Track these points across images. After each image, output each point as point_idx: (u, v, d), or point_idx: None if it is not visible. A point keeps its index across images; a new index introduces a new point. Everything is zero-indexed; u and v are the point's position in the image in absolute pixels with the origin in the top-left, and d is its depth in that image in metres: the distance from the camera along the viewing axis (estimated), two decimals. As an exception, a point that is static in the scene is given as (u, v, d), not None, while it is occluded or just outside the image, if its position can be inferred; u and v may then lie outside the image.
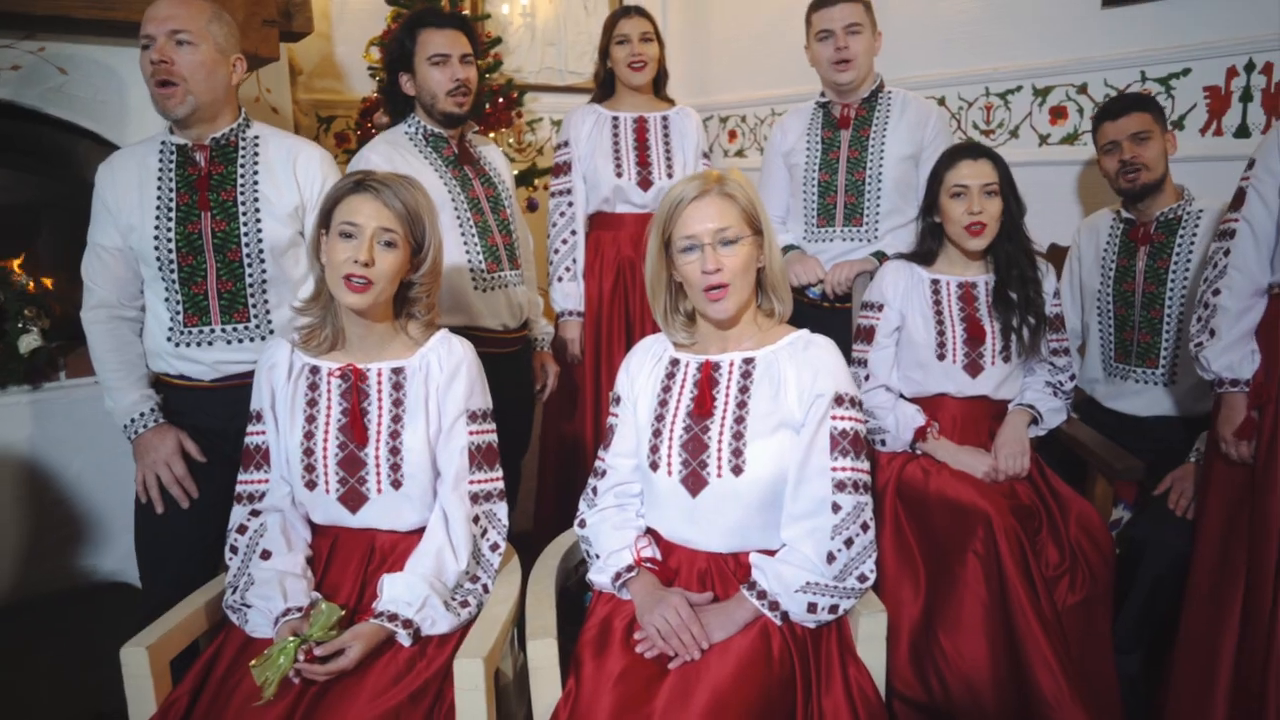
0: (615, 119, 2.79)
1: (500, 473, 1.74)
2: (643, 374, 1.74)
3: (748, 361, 1.65)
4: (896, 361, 2.26)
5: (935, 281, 2.24)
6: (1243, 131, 2.54)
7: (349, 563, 1.68)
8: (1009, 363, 2.18)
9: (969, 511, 1.93)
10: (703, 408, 1.63)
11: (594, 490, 1.78)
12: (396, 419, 1.67)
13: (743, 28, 3.93)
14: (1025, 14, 2.97)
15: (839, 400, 1.58)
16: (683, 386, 1.68)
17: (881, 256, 2.50)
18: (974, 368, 2.18)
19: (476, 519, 1.69)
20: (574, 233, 2.81)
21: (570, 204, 2.81)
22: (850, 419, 1.59)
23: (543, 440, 2.97)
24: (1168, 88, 2.66)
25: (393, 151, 2.26)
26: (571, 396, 2.85)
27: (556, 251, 2.81)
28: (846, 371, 1.62)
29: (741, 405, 1.61)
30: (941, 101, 3.17)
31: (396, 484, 1.66)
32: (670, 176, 2.77)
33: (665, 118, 2.81)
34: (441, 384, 1.69)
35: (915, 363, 2.22)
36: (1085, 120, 2.87)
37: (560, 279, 2.80)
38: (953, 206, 2.16)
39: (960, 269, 2.25)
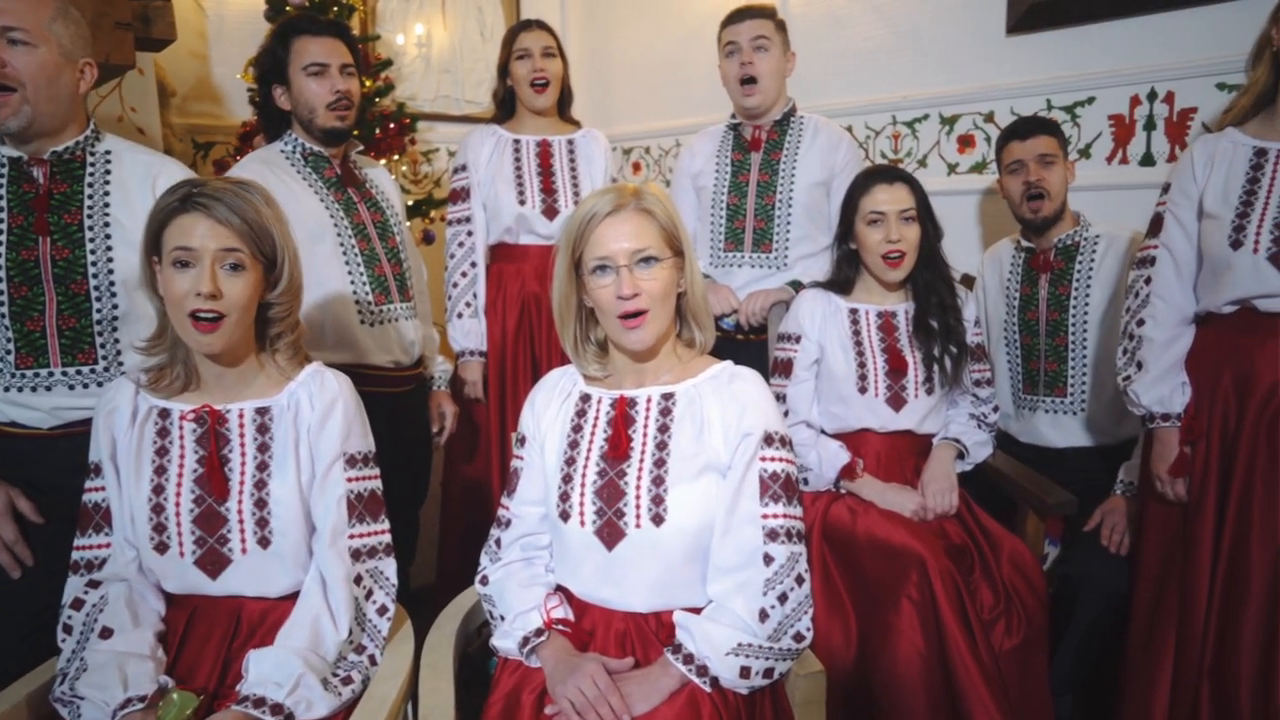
0: (517, 142, 2.62)
1: (386, 524, 1.53)
2: (549, 411, 1.56)
3: (667, 397, 1.49)
4: (816, 396, 2.15)
5: (854, 311, 2.14)
6: (1148, 160, 2.55)
7: (209, 638, 1.44)
8: (932, 395, 2.09)
9: (901, 554, 1.81)
10: (618, 449, 1.46)
11: (497, 542, 1.59)
12: (262, 467, 1.45)
13: (646, 56, 3.84)
14: (931, 42, 2.96)
15: (769, 439, 1.43)
16: (595, 425, 1.51)
17: (797, 285, 2.39)
18: (897, 401, 2.08)
19: (359, 579, 1.47)
20: (474, 265, 2.62)
21: (469, 234, 2.62)
22: (781, 460, 1.44)
23: (445, 487, 2.75)
24: (1073, 116, 2.66)
25: (267, 172, 2.04)
26: (473, 439, 2.64)
27: (455, 285, 2.61)
28: (775, 407, 1.48)
29: (661, 446, 1.45)
30: (849, 130, 3.11)
31: (264, 542, 1.43)
32: (577, 204, 2.60)
33: (571, 141, 2.66)
34: (314, 424, 1.47)
35: (836, 396, 2.11)
36: (992, 150, 2.85)
37: (460, 316, 2.60)
38: (869, 234, 2.07)
39: (879, 298, 2.16)
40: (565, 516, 1.46)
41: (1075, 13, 2.62)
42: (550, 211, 2.60)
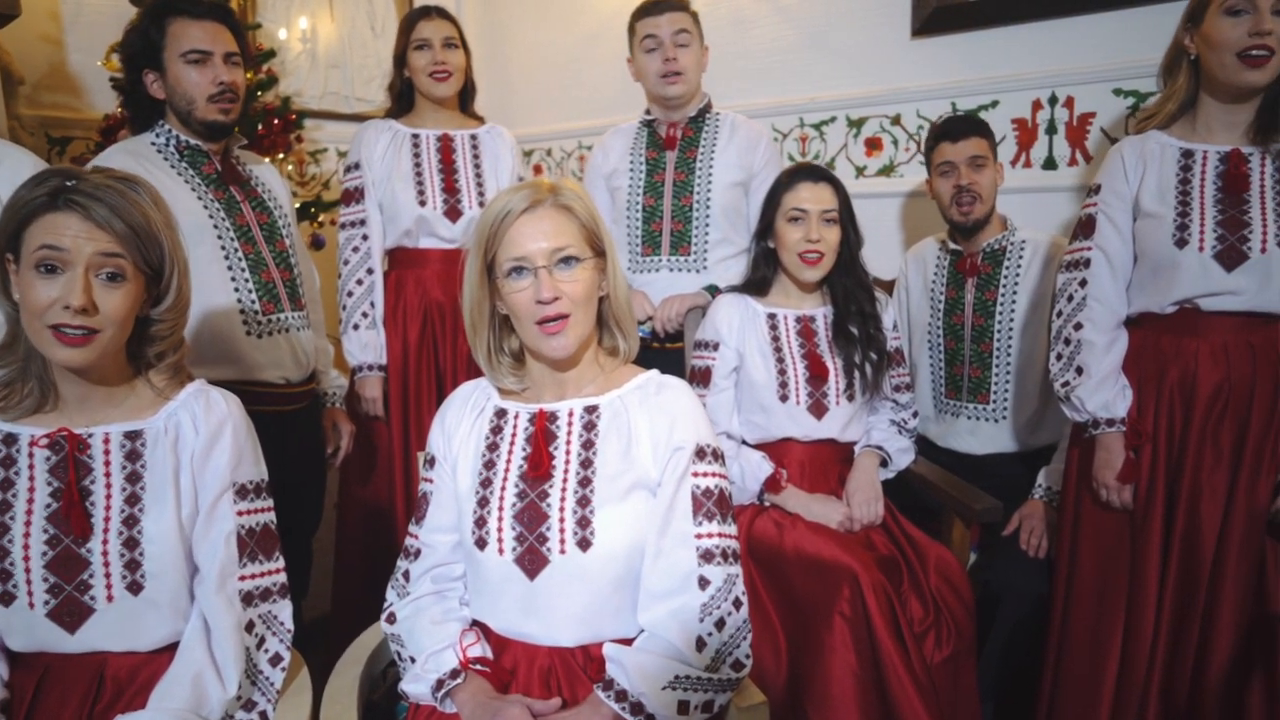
0: (416, 137, 2.46)
1: (280, 562, 1.37)
2: (461, 429, 1.42)
3: (590, 410, 1.37)
4: (737, 405, 2.07)
5: (772, 315, 2.08)
6: (1050, 164, 2.57)
7: (65, 702, 1.24)
8: (853, 401, 2.04)
9: (832, 569, 1.75)
10: (539, 468, 1.34)
11: (404, 575, 1.44)
12: (133, 500, 1.27)
13: (546, 55, 3.72)
14: (837, 44, 2.93)
15: (700, 453, 1.34)
16: (512, 443, 1.38)
17: (714, 290, 2.31)
18: (818, 408, 2.02)
19: (250, 626, 1.31)
20: (370, 272, 2.44)
21: (364, 238, 2.44)
22: (714, 475, 1.34)
23: (340, 511, 2.56)
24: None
25: (134, 165, 1.82)
26: (373, 462, 2.46)
27: (350, 294, 2.42)
28: (706, 419, 1.38)
29: (586, 464, 1.33)
30: (757, 132, 3.07)
31: (135, 588, 1.25)
32: (482, 205, 2.46)
33: (474, 136, 2.51)
34: (198, 451, 1.30)
35: (757, 405, 2.04)
36: (900, 151, 2.85)
37: (356, 327, 2.41)
38: (789, 231, 2.01)
39: (796, 301, 2.10)
40: (481, 544, 1.33)
41: (978, 17, 2.63)
42: (453, 213, 2.44)
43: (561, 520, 1.30)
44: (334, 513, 2.56)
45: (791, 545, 1.85)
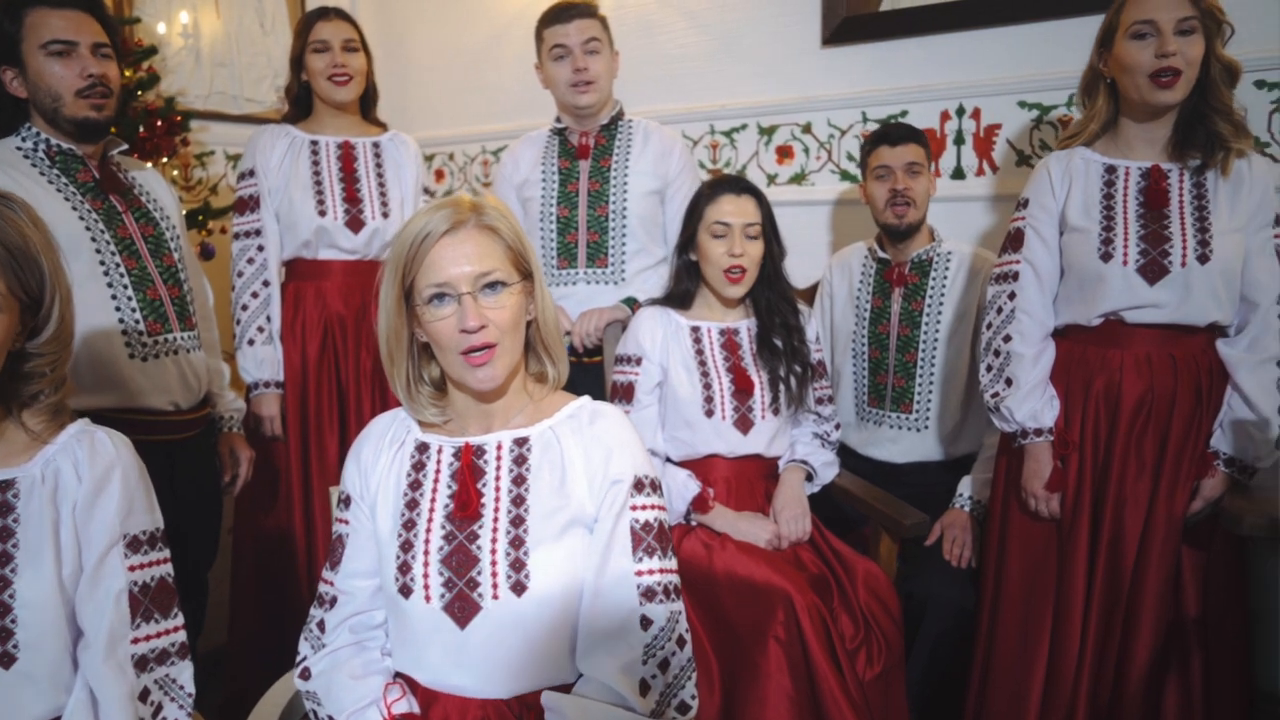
0: (315, 144, 2.32)
1: (179, 619, 1.24)
2: (379, 466, 1.32)
3: (520, 443, 1.29)
4: (661, 421, 2.02)
5: (695, 329, 2.03)
6: (959, 174, 2.61)
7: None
8: (778, 416, 2.02)
9: (765, 592, 1.71)
10: (467, 508, 1.25)
11: (319, 625, 1.33)
12: (4, 560, 1.12)
13: (447, 56, 3.59)
14: (747, 51, 2.91)
15: (639, 485, 1.27)
16: (436, 480, 1.29)
17: (633, 303, 2.26)
18: (744, 423, 1.98)
19: (145, 693, 1.18)
20: (266, 284, 2.29)
21: (260, 249, 2.29)
22: (653, 507, 1.28)
23: (237, 541, 2.40)
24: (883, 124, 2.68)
25: (1, 175, 1.65)
26: (271, 485, 2.31)
27: (245, 308, 2.28)
28: (643, 448, 1.32)
29: (518, 501, 1.25)
30: (668, 139, 3.03)
31: (7, 660, 1.11)
32: (385, 216, 2.34)
33: (377, 144, 2.39)
34: (81, 501, 1.16)
35: (682, 421, 1.99)
36: (812, 160, 2.85)
37: (251, 342, 2.27)
38: (712, 246, 1.97)
39: (720, 314, 2.06)
40: (406, 591, 1.23)
41: (887, 28, 2.64)
42: (355, 223, 2.31)
43: (493, 563, 1.22)
44: (228, 538, 2.39)
45: (722, 567, 1.81)
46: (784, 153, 2.90)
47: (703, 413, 1.97)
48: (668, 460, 2.02)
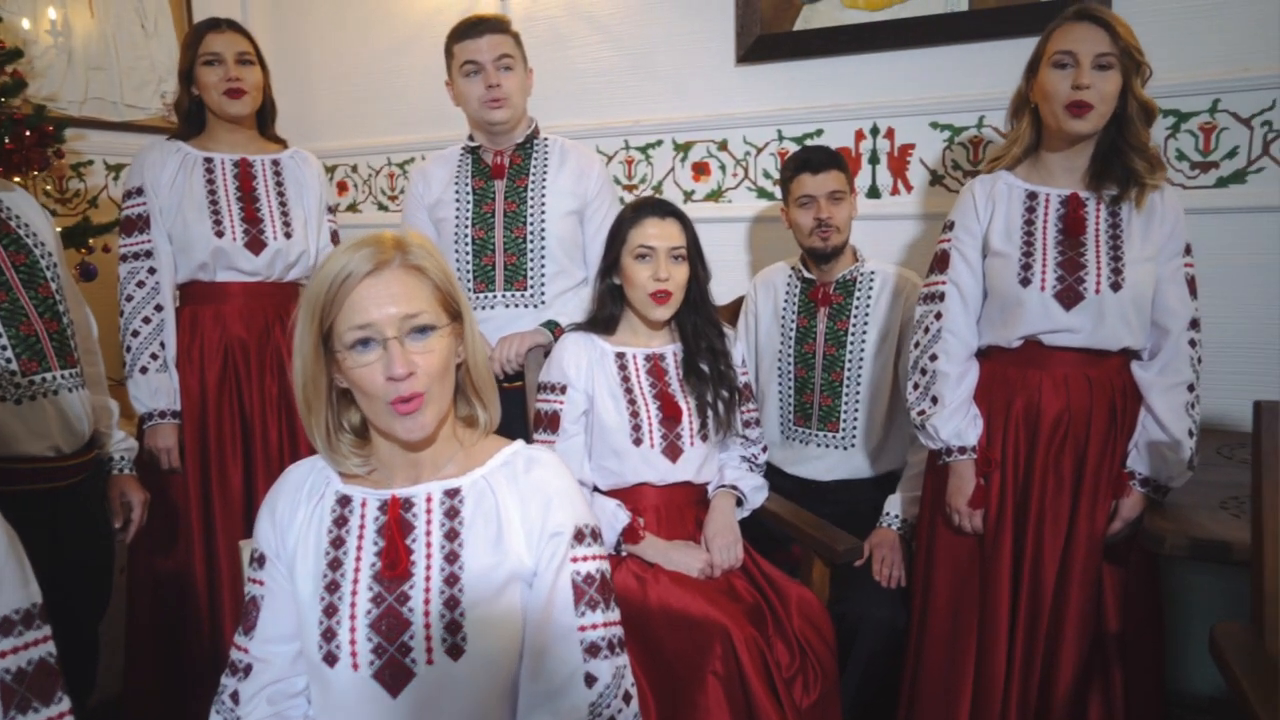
0: (209, 161, 2.18)
1: (65, 703, 1.11)
2: (297, 521, 1.23)
3: (451, 494, 1.21)
4: (588, 451, 1.96)
5: (621, 355, 1.98)
6: (874, 192, 2.63)
7: None
8: (707, 442, 1.98)
9: (702, 626, 1.67)
10: (396, 567, 1.16)
11: (232, 697, 1.22)
12: None
13: (348, 67, 3.45)
14: (662, 67, 2.88)
15: (579, 536, 1.21)
16: (361, 537, 1.20)
17: (554, 326, 2.19)
18: (673, 450, 1.94)
19: (31, 791, 1.05)
20: (159, 309, 2.15)
21: (151, 271, 2.14)
22: (595, 557, 1.23)
23: (131, 583, 2.24)
24: (803, 147, 2.69)
25: None
26: (168, 523, 2.16)
27: (136, 334, 2.12)
28: (582, 495, 1.26)
29: (451, 558, 1.18)
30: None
31: None
32: (289, 236, 2.22)
33: (276, 162, 2.26)
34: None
35: (609, 450, 1.94)
36: (728, 177, 2.84)
37: (144, 370, 2.12)
38: (637, 269, 1.92)
39: (645, 339, 2.01)
40: (331, 660, 1.14)
41: (801, 48, 2.65)
42: (256, 244, 2.18)
43: (427, 626, 1.14)
44: (125, 591, 2.22)
45: (656, 601, 1.76)
46: (700, 169, 2.88)
47: (630, 441, 1.92)
48: (595, 490, 1.96)
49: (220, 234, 2.15)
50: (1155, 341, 1.78)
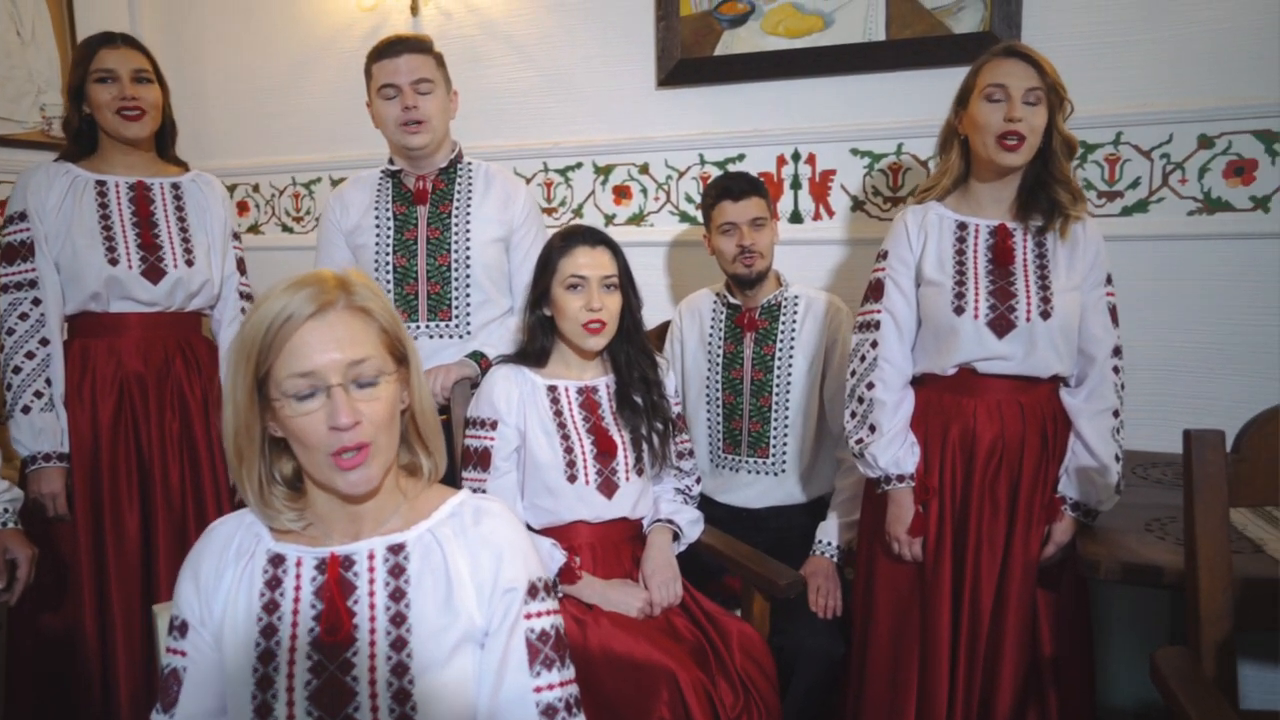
0: (101, 185, 2.03)
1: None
2: (224, 584, 1.12)
3: (396, 550, 1.13)
4: (521, 489, 1.90)
5: (552, 388, 1.92)
6: (796, 217, 2.65)
7: None
8: (642, 476, 1.94)
9: (647, 670, 1.62)
10: (337, 632, 1.08)
11: (148, 781, 1.11)
12: None
13: (249, 82, 3.29)
14: (581, 88, 2.84)
15: (533, 591, 1.15)
16: (297, 600, 1.11)
17: (480, 358, 2.11)
18: (609, 486, 1.89)
19: None
20: (45, 342, 1.99)
21: (36, 302, 1.98)
22: (549, 613, 1.17)
23: (12, 645, 2.05)
24: (724, 173, 2.68)
25: None
26: (56, 579, 1.98)
27: (18, 371, 1.96)
28: (534, 545, 1.20)
29: (398, 620, 1.09)
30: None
31: None
32: (190, 264, 2.08)
33: (177, 185, 2.12)
34: None
35: (543, 488, 1.88)
36: (650, 200, 2.81)
37: (26, 409, 1.96)
38: (569, 300, 1.87)
39: (577, 371, 1.96)
40: (267, 738, 1.05)
41: (722, 72, 2.65)
42: (154, 273, 2.04)
43: (373, 696, 1.05)
44: (4, 654, 2.04)
45: (598, 644, 1.70)
46: (621, 193, 2.84)
47: (565, 478, 1.86)
48: (528, 528, 1.89)
49: (115, 262, 2.00)
50: (1081, 369, 1.82)
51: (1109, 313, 1.82)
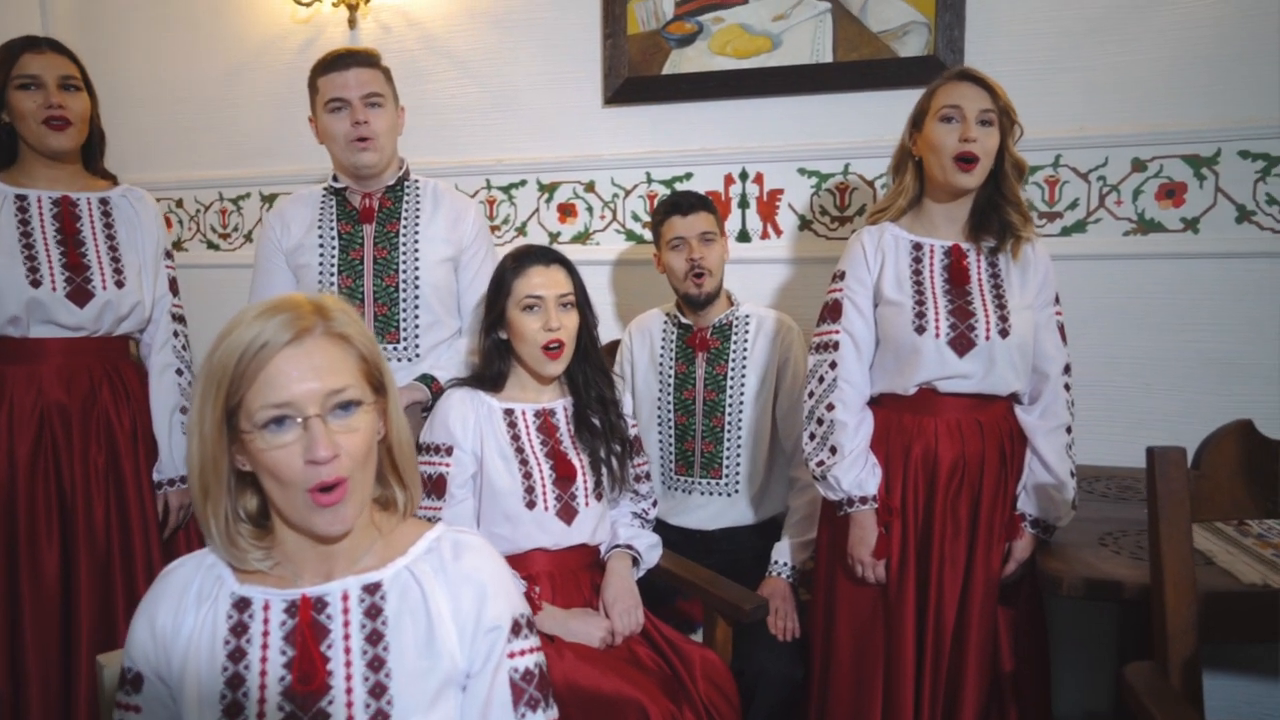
0: (22, 199, 1.91)
1: None
2: (184, 631, 1.04)
3: (371, 589, 1.07)
4: (479, 516, 1.84)
5: (509, 412, 1.87)
6: (744, 236, 2.65)
7: None
8: (601, 500, 1.90)
9: (616, 704, 1.58)
10: (311, 679, 1.01)
11: None
12: None
13: (172, 93, 3.15)
14: (526, 106, 2.79)
15: (516, 628, 1.10)
16: (265, 646, 1.03)
17: (431, 381, 2.04)
18: (568, 512, 1.85)
19: None
20: (-43, 371, 1.84)
21: (-53, 327, 1.83)
22: (532, 650, 1.11)
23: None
24: (672, 191, 2.67)
25: None
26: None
27: (-74, 402, 1.81)
28: (515, 580, 1.15)
29: (376, 665, 1.03)
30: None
31: None
32: (120, 286, 1.96)
33: (105, 200, 2.00)
34: None
35: (501, 515, 1.82)
36: (596, 219, 2.78)
37: (-69, 445, 1.81)
38: (526, 322, 1.83)
39: (534, 394, 1.91)
40: (235, 798, 0.97)
41: (670, 91, 2.64)
42: (81, 295, 1.92)
43: (352, 748, 0.99)
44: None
45: (561, 679, 1.64)
46: (566, 211, 2.80)
47: (524, 504, 1.81)
48: (487, 558, 1.83)
49: (37, 283, 1.88)
50: (1035, 386, 1.85)
51: (1059, 331, 1.85)
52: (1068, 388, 1.85)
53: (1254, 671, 2.29)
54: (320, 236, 2.07)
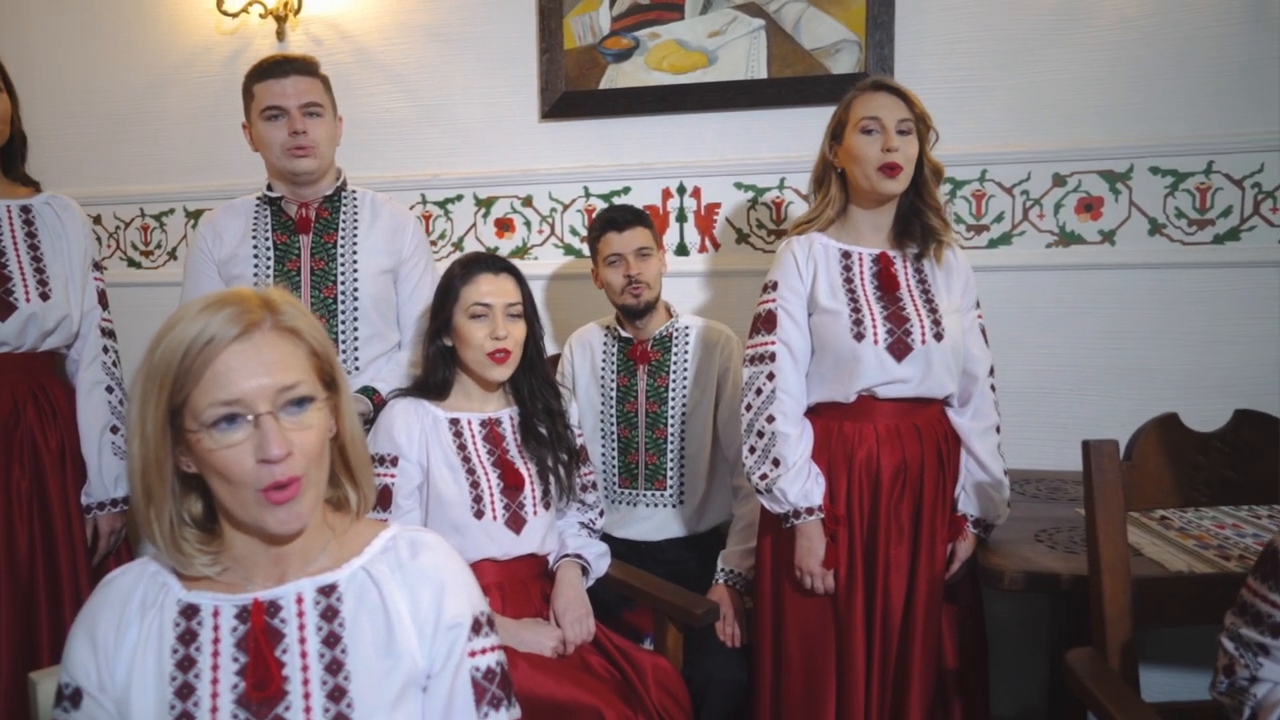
0: (-61, 209, 1.82)
1: None
2: (127, 643, 1.00)
3: (327, 591, 1.04)
4: (425, 527, 1.80)
5: (455, 421, 1.85)
6: (682, 249, 2.68)
7: None
8: (549, 509, 1.89)
9: (573, 711, 1.57)
10: (266, 686, 0.97)
11: None
12: None
13: (91, 105, 3.04)
14: (461, 120, 2.78)
15: (477, 627, 1.08)
16: (216, 655, 0.99)
17: (372, 393, 2.01)
18: (516, 521, 1.83)
19: None
20: None
21: None
22: (493, 649, 1.10)
23: None
24: (609, 206, 2.69)
25: None
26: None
27: None
28: (474, 578, 1.13)
29: (334, 668, 1.00)
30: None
31: None
32: (45, 298, 1.89)
33: (27, 209, 1.93)
34: None
35: (449, 526, 1.79)
36: (534, 234, 2.78)
37: None
38: (472, 329, 1.82)
39: (480, 403, 1.90)
40: (186, 811, 0.93)
41: (606, 106, 2.66)
42: (2, 307, 1.84)
43: (312, 755, 0.96)
44: None
45: (517, 689, 1.60)
46: (504, 225, 2.80)
47: (471, 514, 1.79)
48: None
49: (-47, 295, 1.79)
50: (964, 388, 1.89)
51: (982, 333, 1.91)
52: (993, 389, 1.91)
53: (1186, 662, 2.37)
54: (255, 247, 2.02)
